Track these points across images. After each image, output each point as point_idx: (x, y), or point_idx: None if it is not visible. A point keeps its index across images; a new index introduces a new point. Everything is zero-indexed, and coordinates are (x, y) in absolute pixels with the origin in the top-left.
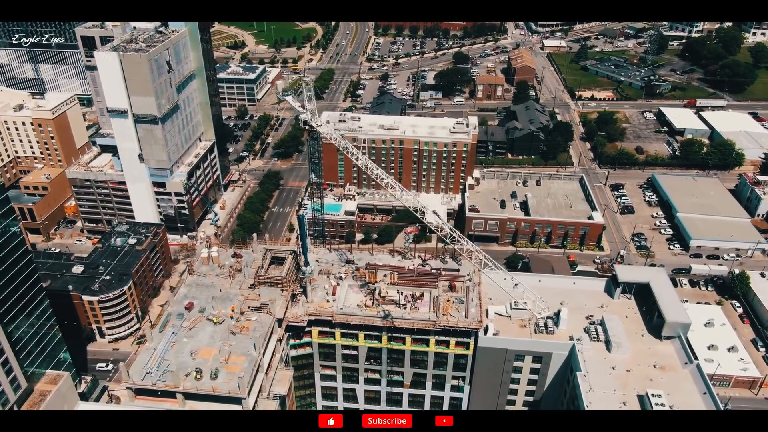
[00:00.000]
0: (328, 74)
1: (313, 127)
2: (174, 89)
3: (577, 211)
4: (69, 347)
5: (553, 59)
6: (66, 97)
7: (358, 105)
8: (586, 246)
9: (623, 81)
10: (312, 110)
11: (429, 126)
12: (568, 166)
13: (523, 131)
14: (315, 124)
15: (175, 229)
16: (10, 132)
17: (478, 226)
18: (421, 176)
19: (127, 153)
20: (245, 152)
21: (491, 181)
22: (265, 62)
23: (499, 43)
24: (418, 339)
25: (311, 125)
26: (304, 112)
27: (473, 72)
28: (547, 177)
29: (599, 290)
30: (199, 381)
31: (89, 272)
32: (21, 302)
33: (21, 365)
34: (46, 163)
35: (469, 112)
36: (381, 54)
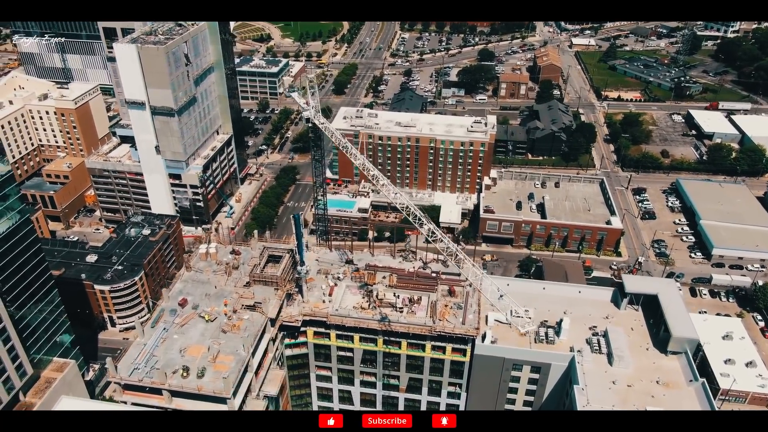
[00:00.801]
0: (350, 69)
1: (316, 124)
2: (191, 82)
3: (595, 215)
4: (81, 335)
5: (580, 58)
6: (89, 87)
7: (380, 101)
8: (603, 251)
9: (652, 81)
10: (315, 107)
11: (446, 124)
12: (589, 168)
13: (544, 131)
14: (318, 121)
15: (190, 221)
16: (34, 121)
17: (492, 227)
18: (437, 175)
19: (145, 144)
20: (264, 146)
21: (509, 182)
22: (289, 56)
23: (527, 41)
24: (414, 344)
25: (314, 122)
26: (307, 109)
27: (498, 69)
28: (566, 179)
29: (605, 300)
30: (185, 379)
31: (102, 261)
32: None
33: (27, 352)
34: (69, 152)
35: (491, 110)
36: (406, 49)
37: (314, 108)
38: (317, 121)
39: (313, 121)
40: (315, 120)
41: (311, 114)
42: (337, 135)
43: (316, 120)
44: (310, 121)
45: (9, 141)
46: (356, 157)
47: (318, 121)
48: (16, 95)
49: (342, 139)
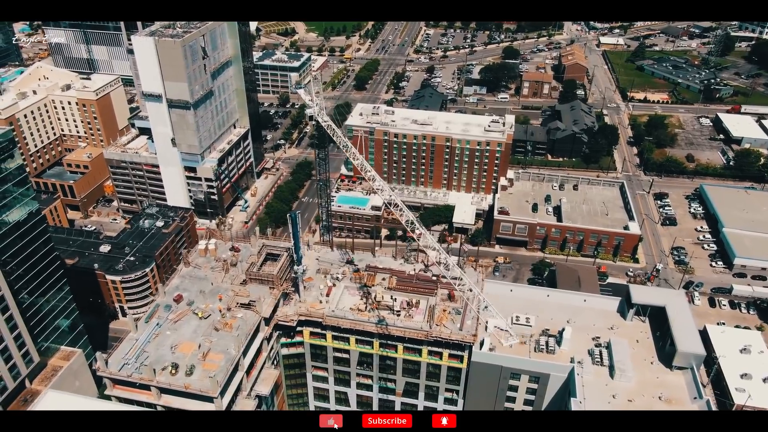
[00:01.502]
0: (372, 65)
1: (319, 122)
2: (209, 75)
3: (612, 220)
4: (92, 324)
5: (608, 57)
6: (111, 79)
7: (400, 97)
8: (619, 257)
9: (681, 83)
10: (320, 105)
11: (464, 123)
12: (610, 171)
13: (565, 132)
14: (321, 119)
15: (205, 214)
16: (56, 111)
17: (506, 229)
18: (452, 174)
19: (161, 137)
20: (282, 140)
21: (525, 183)
22: (312, 50)
23: (554, 39)
24: (411, 348)
25: (317, 120)
26: (312, 107)
27: (522, 68)
28: (585, 181)
29: (611, 310)
30: (174, 376)
31: (115, 252)
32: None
33: (35, 340)
34: (89, 143)
35: (513, 109)
36: (430, 46)
37: (318, 105)
38: (320, 118)
39: (317, 118)
40: (318, 118)
41: (315, 111)
42: (339, 133)
43: (320, 118)
44: (314, 119)
45: (32, 130)
46: (355, 157)
47: (321, 119)
48: (40, 85)
49: (344, 139)
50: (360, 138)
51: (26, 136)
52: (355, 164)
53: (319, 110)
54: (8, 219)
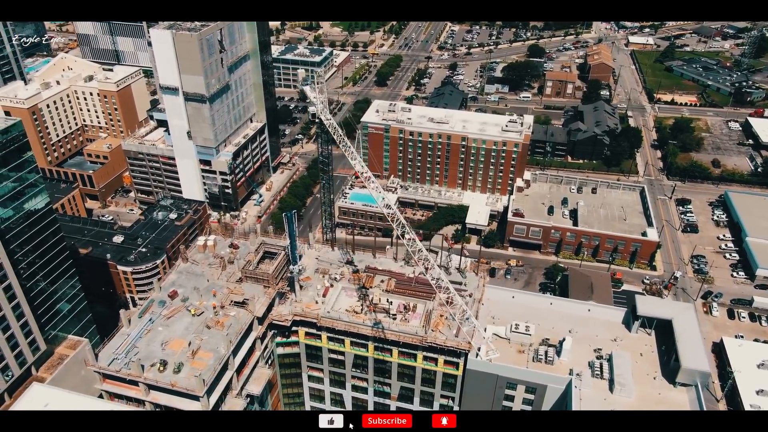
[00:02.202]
0: (395, 61)
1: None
2: (225, 69)
3: (630, 225)
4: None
5: (635, 57)
6: (132, 70)
7: (421, 94)
8: (636, 264)
9: (710, 85)
10: (323, 102)
11: (481, 122)
12: (632, 175)
13: (586, 133)
14: (324, 117)
15: (219, 207)
16: (79, 101)
17: (519, 231)
18: (468, 174)
19: (177, 129)
20: (300, 135)
21: (543, 185)
22: (336, 45)
23: (581, 37)
24: (406, 352)
25: (319, 118)
26: (315, 104)
27: (546, 66)
28: (605, 185)
29: (616, 321)
30: (161, 373)
31: (128, 243)
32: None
33: (42, 328)
34: (110, 133)
35: (535, 108)
36: (454, 42)
37: (322, 103)
38: (323, 116)
39: (319, 116)
40: (321, 115)
41: (318, 109)
42: (340, 132)
43: (323, 116)
44: (317, 117)
45: (54, 120)
46: (353, 157)
47: (324, 117)
48: (64, 76)
49: (344, 138)
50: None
51: (48, 125)
52: (352, 164)
53: (323, 108)
54: (18, 210)
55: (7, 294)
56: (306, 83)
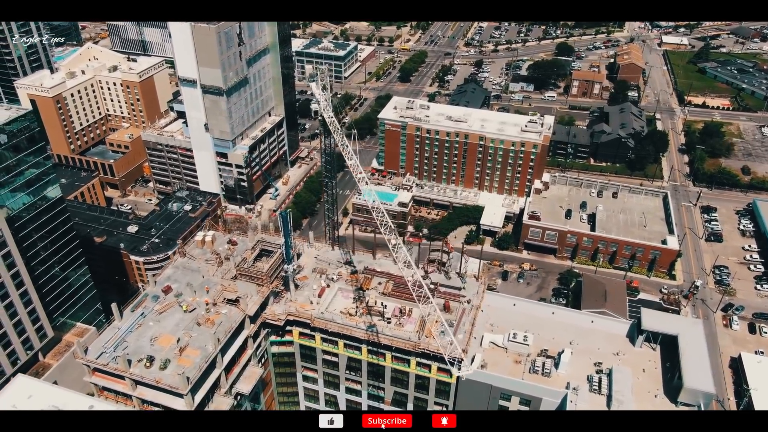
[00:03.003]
0: (419, 56)
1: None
2: (244, 63)
3: (650, 232)
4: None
5: (668, 58)
6: (155, 62)
7: (444, 91)
8: (655, 272)
9: (745, 89)
10: (327, 99)
11: (500, 122)
12: (656, 180)
13: (610, 136)
14: (326, 114)
15: (235, 200)
16: (103, 91)
17: (535, 234)
18: (485, 174)
19: (195, 121)
20: (320, 130)
21: (562, 187)
22: (362, 39)
23: (613, 36)
24: (399, 357)
25: (322, 115)
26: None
27: (574, 65)
28: (626, 189)
29: (620, 334)
30: (148, 369)
31: (142, 233)
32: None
33: (50, 315)
34: (132, 123)
35: (559, 108)
36: (481, 39)
37: (326, 100)
38: (326, 114)
39: (322, 113)
40: (324, 113)
41: (321, 107)
42: (340, 131)
43: (325, 113)
44: (319, 114)
45: (78, 109)
46: (350, 156)
47: (327, 115)
48: (89, 66)
49: (343, 137)
50: None
51: (72, 114)
52: (348, 164)
53: (326, 105)
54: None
55: (15, 281)
56: (312, 80)
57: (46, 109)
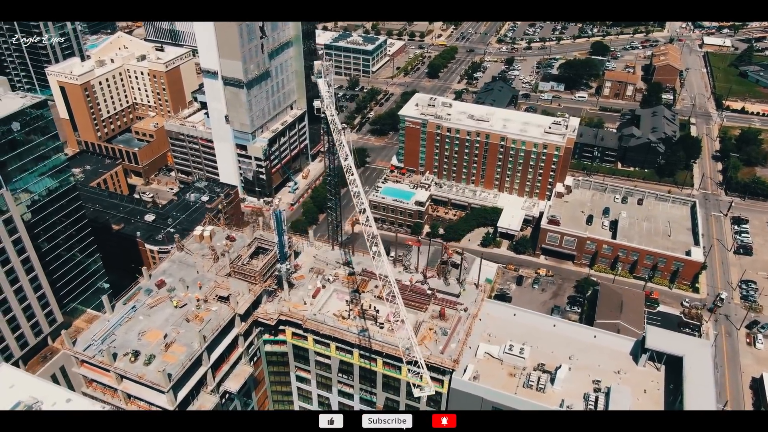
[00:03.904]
0: (449, 52)
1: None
2: (266, 55)
3: (675, 242)
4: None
5: (708, 60)
6: (182, 52)
7: (472, 89)
8: (677, 284)
9: None
10: (331, 96)
11: (523, 122)
12: (685, 187)
13: (639, 140)
14: (328, 112)
15: (254, 192)
16: (130, 80)
17: (553, 239)
18: (505, 176)
19: (216, 113)
20: (344, 124)
21: (585, 192)
22: (392, 34)
23: (652, 36)
24: (390, 363)
25: (324, 112)
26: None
27: (608, 65)
28: (653, 196)
29: (624, 351)
30: (132, 364)
31: (159, 222)
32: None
33: (60, 301)
34: (158, 113)
35: (589, 110)
36: (514, 36)
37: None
38: (328, 111)
39: (324, 110)
40: (327, 110)
41: (324, 104)
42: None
43: (328, 111)
44: (321, 111)
45: (105, 97)
46: (346, 156)
47: (328, 112)
48: (118, 55)
49: (341, 137)
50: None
51: (99, 102)
52: (344, 164)
53: (329, 103)
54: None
55: (25, 266)
56: (320, 76)
57: (74, 96)
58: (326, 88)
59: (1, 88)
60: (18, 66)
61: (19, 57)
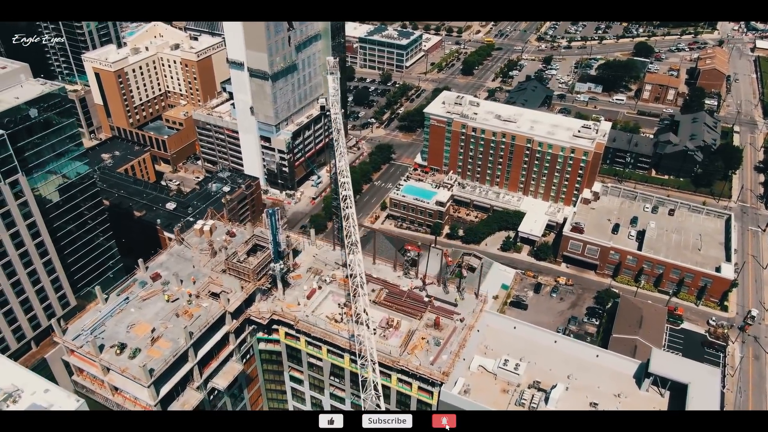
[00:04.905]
0: (485, 49)
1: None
2: (293, 48)
3: (705, 257)
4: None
5: (759, 65)
6: (215, 42)
7: (506, 87)
8: (704, 301)
9: None
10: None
11: (551, 124)
12: (723, 199)
13: (676, 147)
14: (333, 110)
15: (276, 185)
16: (164, 68)
17: (575, 247)
18: (530, 179)
19: (241, 104)
20: (373, 119)
21: (614, 199)
22: (430, 29)
23: (701, 38)
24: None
25: (328, 110)
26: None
27: (651, 68)
28: (686, 207)
29: (627, 373)
30: (118, 356)
31: (179, 211)
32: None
33: (74, 285)
34: (189, 101)
35: (627, 113)
36: (555, 34)
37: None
38: (333, 109)
39: (328, 107)
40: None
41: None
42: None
43: (333, 108)
44: (326, 108)
45: (138, 84)
46: (342, 156)
47: (334, 110)
48: (152, 43)
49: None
50: None
51: (132, 89)
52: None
53: (334, 101)
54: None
55: (39, 250)
56: (331, 72)
57: (108, 83)
58: (335, 85)
59: (23, 74)
60: (58, 51)
61: (59, 43)
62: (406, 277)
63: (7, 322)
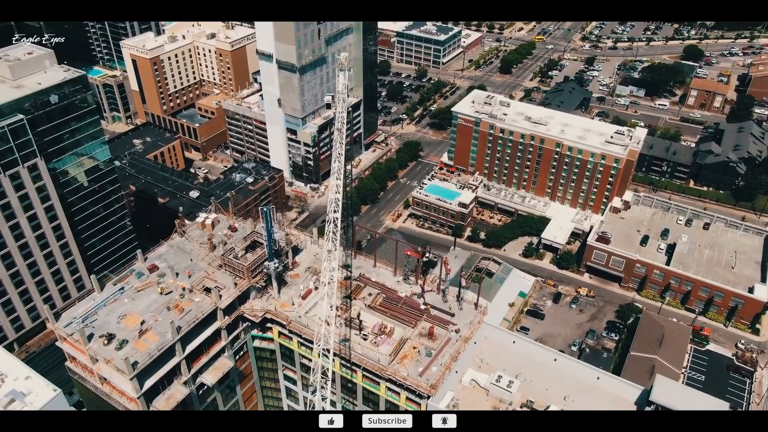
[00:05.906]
0: (526, 48)
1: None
2: (323, 41)
3: (738, 276)
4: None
5: None
6: (250, 32)
7: (544, 87)
8: (734, 322)
9: None
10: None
11: (583, 129)
12: (764, 214)
13: (717, 157)
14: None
15: (301, 177)
16: (198, 57)
17: (599, 258)
18: (558, 184)
19: (269, 96)
20: (404, 115)
21: (645, 209)
22: (471, 25)
23: (757, 42)
24: (369, 378)
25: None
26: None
27: (699, 72)
28: (722, 222)
29: (628, 399)
30: (105, 347)
31: (202, 199)
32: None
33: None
34: (222, 91)
35: (669, 119)
36: (601, 34)
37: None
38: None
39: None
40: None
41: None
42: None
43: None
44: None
45: (173, 72)
46: (339, 153)
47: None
48: (189, 32)
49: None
50: None
51: (167, 76)
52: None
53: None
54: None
55: (56, 233)
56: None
57: (144, 70)
58: (346, 82)
59: (47, 60)
60: (100, 38)
61: (101, 29)
62: (405, 282)
63: (23, 302)
